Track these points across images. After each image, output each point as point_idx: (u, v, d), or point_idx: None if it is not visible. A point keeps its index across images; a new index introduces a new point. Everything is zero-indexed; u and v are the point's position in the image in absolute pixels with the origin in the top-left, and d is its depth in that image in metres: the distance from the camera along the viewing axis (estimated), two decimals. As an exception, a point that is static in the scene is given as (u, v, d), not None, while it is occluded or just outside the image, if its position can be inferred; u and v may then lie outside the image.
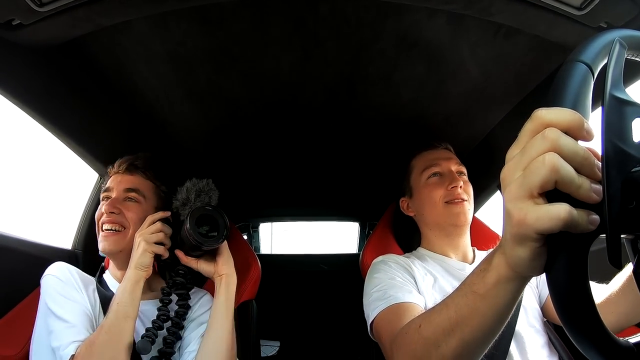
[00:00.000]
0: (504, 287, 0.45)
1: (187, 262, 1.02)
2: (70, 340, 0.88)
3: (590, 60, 0.38)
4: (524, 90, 1.21)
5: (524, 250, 0.39)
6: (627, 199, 0.34)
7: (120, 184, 1.11)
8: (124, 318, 0.89)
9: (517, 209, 0.36)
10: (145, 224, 1.02)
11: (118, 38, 0.98)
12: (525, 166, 0.36)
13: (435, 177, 1.15)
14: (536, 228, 0.35)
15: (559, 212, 0.33)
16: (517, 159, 0.37)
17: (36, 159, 3.45)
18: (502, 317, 0.49)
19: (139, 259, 0.96)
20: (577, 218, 0.33)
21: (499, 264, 0.45)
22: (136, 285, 0.94)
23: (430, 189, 1.13)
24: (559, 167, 0.33)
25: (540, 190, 0.35)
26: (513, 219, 0.37)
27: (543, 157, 0.34)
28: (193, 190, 1.02)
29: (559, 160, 0.33)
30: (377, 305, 0.91)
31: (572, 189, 0.34)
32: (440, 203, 1.11)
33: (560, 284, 0.35)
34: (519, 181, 0.36)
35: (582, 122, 0.35)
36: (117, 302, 0.91)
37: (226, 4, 0.89)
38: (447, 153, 1.21)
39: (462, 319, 0.52)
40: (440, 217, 1.12)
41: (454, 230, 1.11)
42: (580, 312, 0.35)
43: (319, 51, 1.04)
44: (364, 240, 2.37)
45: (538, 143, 0.35)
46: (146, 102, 1.25)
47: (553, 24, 0.87)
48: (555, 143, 0.34)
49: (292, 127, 1.44)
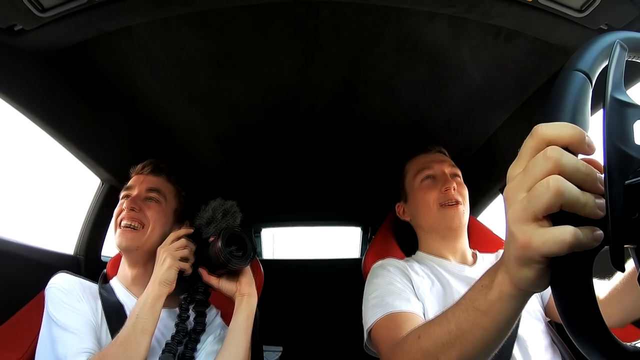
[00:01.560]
0: (506, 304, 0.45)
1: (208, 280, 1.02)
2: (78, 347, 0.87)
3: (587, 67, 0.38)
4: (525, 93, 1.20)
5: (529, 271, 0.38)
6: (630, 209, 0.33)
7: (142, 183, 1.13)
8: (141, 332, 0.87)
9: (522, 231, 0.36)
10: (170, 239, 1.01)
11: (120, 43, 0.98)
12: (529, 187, 0.36)
13: (429, 180, 1.14)
14: (542, 252, 0.35)
15: (565, 236, 0.33)
16: (520, 178, 0.37)
17: (38, 164, 3.46)
18: (504, 332, 0.49)
19: (164, 274, 0.95)
20: (582, 238, 0.33)
21: (502, 281, 0.45)
22: (158, 301, 0.93)
23: (424, 192, 1.13)
24: (563, 191, 0.33)
25: (545, 213, 0.35)
26: (517, 241, 0.37)
27: (547, 182, 0.34)
28: (220, 210, 1.04)
29: (563, 183, 0.33)
30: (375, 313, 0.90)
31: (577, 208, 0.34)
32: (434, 206, 1.10)
33: (567, 297, 0.35)
34: (523, 204, 0.36)
35: (583, 136, 0.35)
36: (136, 315, 0.90)
37: (227, 9, 0.90)
38: (440, 156, 1.20)
39: (462, 333, 0.52)
40: (434, 220, 1.11)
41: (449, 233, 1.11)
42: (587, 323, 0.35)
43: (320, 55, 1.05)
44: (366, 245, 2.36)
45: (540, 163, 0.35)
46: (148, 107, 1.25)
47: (553, 27, 0.87)
48: (557, 163, 0.34)
49: (293, 132, 1.44)
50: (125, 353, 0.84)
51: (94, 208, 1.47)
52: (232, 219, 1.05)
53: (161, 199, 1.13)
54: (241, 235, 1.00)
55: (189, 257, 1.01)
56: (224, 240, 0.96)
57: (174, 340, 0.96)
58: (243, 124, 1.36)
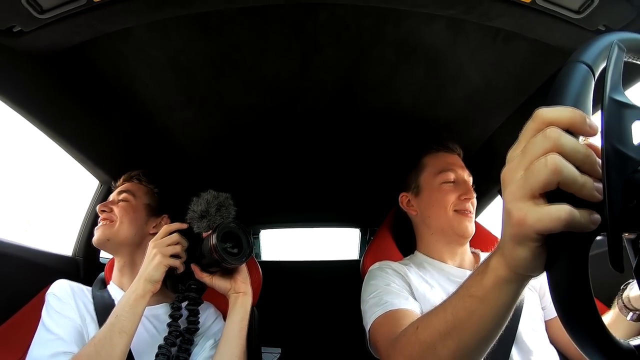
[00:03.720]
0: (502, 289, 0.45)
1: (200, 277, 0.97)
2: (59, 350, 0.85)
3: (591, 61, 0.38)
4: (524, 94, 1.20)
5: (524, 250, 0.38)
6: (628, 198, 0.34)
7: (115, 192, 1.20)
8: (119, 333, 0.82)
9: (517, 209, 0.36)
10: (161, 234, 0.97)
11: (118, 45, 0.98)
12: (527, 166, 0.36)
13: (450, 184, 1.12)
14: (537, 228, 0.35)
15: (560, 213, 0.33)
16: (519, 159, 0.37)
17: (37, 166, 3.46)
18: (501, 320, 0.48)
19: (150, 271, 0.90)
20: (579, 218, 0.33)
21: (498, 265, 0.44)
22: (141, 300, 0.87)
23: (444, 194, 1.10)
24: (561, 169, 0.33)
25: (542, 191, 0.35)
26: (513, 219, 0.37)
27: (545, 159, 0.34)
28: (214, 203, 0.97)
29: (561, 161, 0.33)
30: (374, 311, 0.90)
31: (575, 188, 0.34)
32: (450, 210, 1.08)
33: (561, 282, 0.35)
34: (520, 182, 0.36)
35: (584, 118, 0.35)
36: (116, 314, 0.85)
37: (226, 11, 0.90)
38: (460, 160, 1.18)
39: (459, 322, 0.52)
40: (447, 224, 1.09)
41: (458, 240, 1.10)
42: (581, 312, 0.35)
43: (319, 57, 1.05)
44: (365, 247, 2.36)
45: (539, 142, 0.35)
46: (146, 108, 1.25)
47: (552, 28, 0.88)
48: (556, 142, 0.34)
49: (292, 133, 1.44)
50: (98, 354, 0.79)
51: (93, 209, 1.46)
52: (227, 213, 0.98)
53: (130, 197, 1.17)
54: (237, 232, 0.95)
55: (181, 254, 0.96)
56: (219, 236, 0.90)
57: (167, 342, 0.92)
58: (242, 125, 1.36)
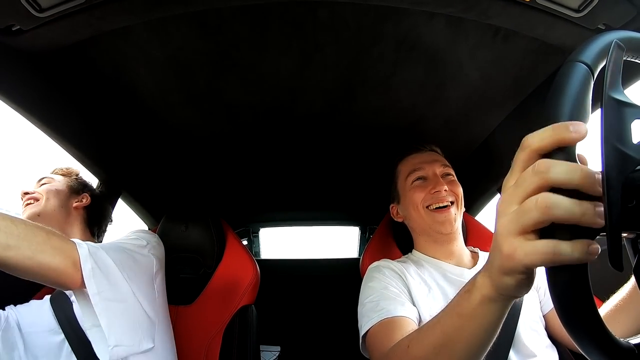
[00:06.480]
0: (489, 308, 0.46)
1: None
2: None
3: (590, 60, 0.38)
4: (523, 93, 1.21)
5: (511, 279, 0.40)
6: (627, 198, 0.34)
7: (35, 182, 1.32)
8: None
9: (508, 243, 0.38)
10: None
11: (117, 43, 0.98)
12: (520, 201, 0.36)
13: (419, 181, 1.12)
14: (525, 263, 0.36)
15: (548, 250, 0.34)
16: (512, 191, 0.38)
17: (34, 163, 3.44)
18: (490, 335, 0.49)
19: None
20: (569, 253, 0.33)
21: (484, 284, 0.46)
22: None
23: (412, 193, 1.11)
24: (552, 209, 0.34)
25: (534, 228, 0.36)
26: (503, 252, 0.38)
27: (536, 199, 0.35)
28: None
29: (552, 201, 0.34)
30: (371, 318, 0.89)
31: (574, 220, 0.34)
32: (421, 207, 1.08)
33: (561, 282, 0.35)
34: (513, 216, 0.37)
35: (567, 127, 0.35)
36: None
37: (225, 9, 0.90)
38: (432, 155, 1.18)
39: (449, 339, 0.53)
40: (424, 223, 1.09)
41: (441, 237, 1.08)
42: (580, 311, 0.35)
43: (318, 55, 1.05)
44: (364, 245, 2.36)
45: (529, 178, 0.36)
46: (145, 106, 1.25)
47: (551, 26, 0.88)
48: (545, 177, 0.34)
49: (291, 132, 1.44)
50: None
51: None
52: None
53: (51, 180, 1.29)
54: None
55: None
56: None
57: None
58: (241, 123, 1.36)
